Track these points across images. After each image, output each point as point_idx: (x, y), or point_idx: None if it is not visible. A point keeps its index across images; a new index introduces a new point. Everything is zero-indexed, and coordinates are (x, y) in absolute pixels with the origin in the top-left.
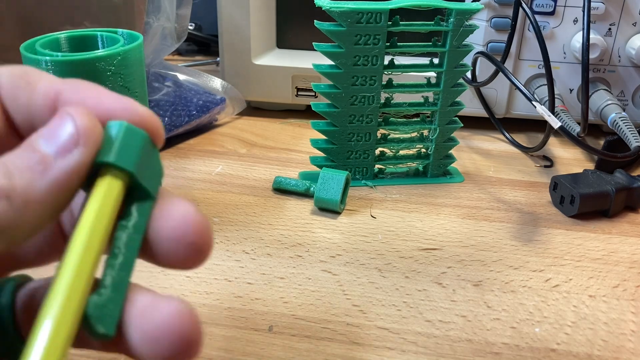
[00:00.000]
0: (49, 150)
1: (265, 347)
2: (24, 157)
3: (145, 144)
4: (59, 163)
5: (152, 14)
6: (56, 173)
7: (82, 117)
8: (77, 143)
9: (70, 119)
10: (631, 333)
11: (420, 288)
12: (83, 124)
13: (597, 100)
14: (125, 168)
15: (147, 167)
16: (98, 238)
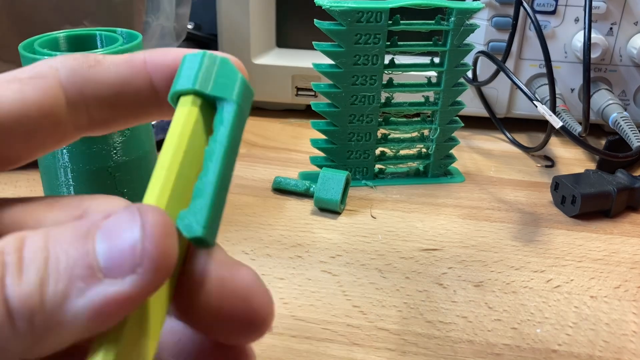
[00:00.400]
0: (102, 260)
1: (265, 349)
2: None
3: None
4: (105, 286)
5: (151, 13)
6: (96, 299)
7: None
8: (135, 268)
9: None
10: (633, 334)
11: (421, 289)
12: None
13: (598, 100)
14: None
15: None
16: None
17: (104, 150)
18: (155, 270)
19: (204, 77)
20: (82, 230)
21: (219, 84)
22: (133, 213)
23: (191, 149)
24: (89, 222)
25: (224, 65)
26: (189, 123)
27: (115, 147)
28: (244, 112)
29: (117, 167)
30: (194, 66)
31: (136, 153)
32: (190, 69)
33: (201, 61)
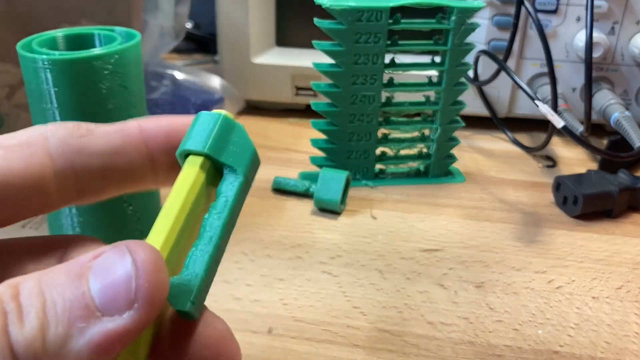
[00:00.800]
0: (98, 299)
1: (265, 350)
2: (68, 299)
3: (223, 124)
4: (104, 324)
5: (150, 12)
6: (97, 336)
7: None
8: (132, 304)
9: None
10: (635, 335)
11: (422, 289)
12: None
13: (600, 100)
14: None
15: (230, 147)
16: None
17: None
18: (150, 305)
19: (218, 141)
20: (74, 272)
21: (231, 152)
22: (122, 251)
23: (193, 214)
24: (79, 263)
25: (239, 133)
26: (195, 187)
27: None
28: (249, 184)
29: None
30: (208, 127)
31: None
32: (204, 130)
33: (217, 123)
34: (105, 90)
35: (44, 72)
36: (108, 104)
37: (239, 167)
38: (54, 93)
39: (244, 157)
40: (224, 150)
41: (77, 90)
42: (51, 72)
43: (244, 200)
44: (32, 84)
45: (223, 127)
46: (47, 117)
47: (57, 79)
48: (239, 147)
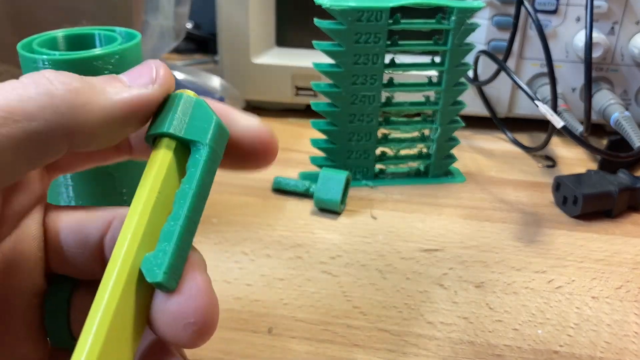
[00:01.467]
0: (127, 80)
1: (265, 350)
2: (104, 79)
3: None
4: (134, 90)
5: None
6: (128, 96)
7: (162, 67)
8: (154, 81)
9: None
10: (634, 335)
11: (422, 289)
12: (161, 72)
13: (599, 100)
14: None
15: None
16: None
17: None
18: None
19: (179, 120)
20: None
21: (193, 126)
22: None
23: (163, 193)
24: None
25: (198, 108)
26: (163, 167)
27: None
28: (217, 154)
29: (117, 167)
30: (169, 108)
31: None
32: (166, 111)
33: (177, 103)
34: None
35: None
36: None
37: (204, 139)
38: None
39: (208, 129)
40: (185, 127)
41: None
42: None
43: (214, 171)
44: None
45: (184, 106)
46: None
47: None
48: (202, 121)
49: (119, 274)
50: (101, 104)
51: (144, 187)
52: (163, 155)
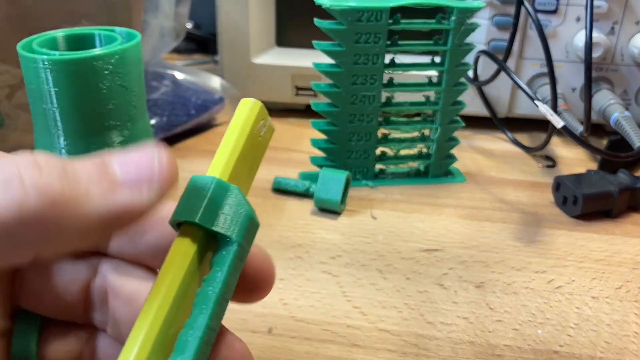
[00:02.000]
0: (119, 174)
1: (265, 350)
2: (92, 168)
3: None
4: (124, 193)
5: (150, 12)
6: (117, 203)
7: (165, 159)
8: (150, 183)
9: (150, 153)
10: (634, 335)
11: (422, 289)
12: (163, 166)
13: (599, 100)
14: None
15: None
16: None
17: (102, 151)
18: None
19: (210, 208)
20: (98, 160)
21: (225, 218)
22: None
23: (183, 289)
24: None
25: (235, 196)
26: (186, 261)
27: (114, 147)
28: (245, 251)
29: None
30: (200, 193)
31: None
32: (196, 196)
33: (209, 188)
34: (106, 91)
35: (44, 73)
36: (108, 104)
37: (233, 234)
38: (54, 93)
39: (239, 222)
40: (216, 218)
41: (77, 90)
42: (51, 73)
43: (240, 269)
44: (33, 84)
45: (216, 192)
46: (48, 118)
47: (58, 79)
48: (234, 212)
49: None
50: (81, 214)
51: (163, 281)
52: (187, 247)
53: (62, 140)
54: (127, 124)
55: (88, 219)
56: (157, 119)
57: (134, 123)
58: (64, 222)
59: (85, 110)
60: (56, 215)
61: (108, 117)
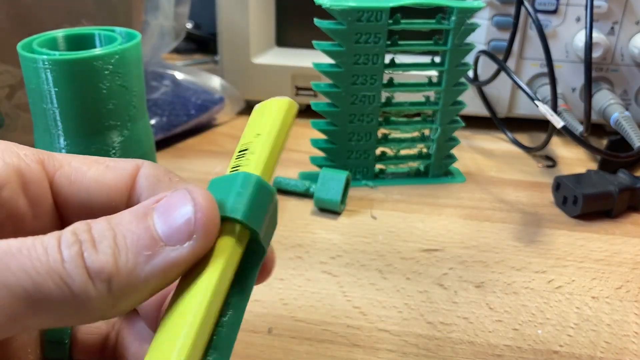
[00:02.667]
0: (162, 232)
1: (265, 350)
2: (135, 233)
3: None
4: (167, 252)
5: (150, 12)
6: (162, 263)
7: (203, 203)
8: (192, 235)
9: (190, 203)
10: (634, 335)
11: (422, 289)
12: (202, 213)
13: (599, 100)
14: (254, 229)
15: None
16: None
17: (102, 150)
18: (207, 236)
19: (256, 212)
20: (140, 212)
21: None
22: (183, 193)
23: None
24: (143, 206)
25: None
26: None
27: (114, 147)
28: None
29: None
30: (246, 192)
31: (135, 153)
32: (242, 195)
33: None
34: (106, 90)
35: (44, 72)
36: (108, 104)
37: (267, 245)
38: (54, 93)
39: (272, 232)
40: (262, 225)
41: (77, 90)
42: (51, 72)
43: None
44: (33, 84)
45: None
46: (48, 117)
47: (58, 79)
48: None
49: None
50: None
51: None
52: (233, 247)
53: (62, 140)
54: (127, 123)
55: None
56: (157, 119)
57: (134, 123)
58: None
59: (85, 110)
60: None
61: (108, 117)
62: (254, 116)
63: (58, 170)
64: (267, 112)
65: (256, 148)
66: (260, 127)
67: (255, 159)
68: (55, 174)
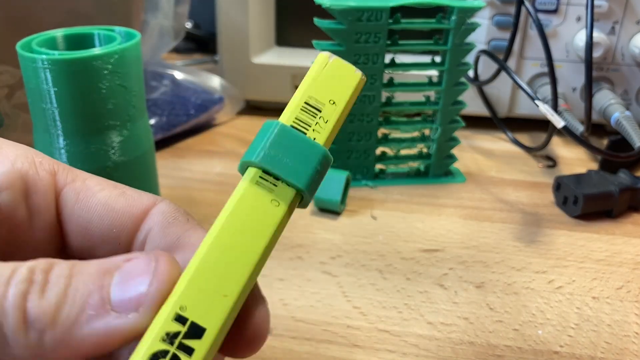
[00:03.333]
0: (114, 296)
1: (265, 350)
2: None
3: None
4: (111, 318)
5: (149, 11)
6: (103, 327)
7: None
8: (139, 307)
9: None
10: (635, 335)
11: (422, 290)
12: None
13: (600, 100)
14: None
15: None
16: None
17: (102, 150)
18: (152, 312)
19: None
20: (104, 267)
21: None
22: (150, 259)
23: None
24: (112, 261)
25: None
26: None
27: (114, 147)
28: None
29: (116, 168)
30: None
31: (135, 153)
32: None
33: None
34: (105, 90)
35: (43, 72)
36: (108, 104)
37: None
38: (53, 93)
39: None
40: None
41: (76, 90)
42: (51, 72)
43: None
44: (32, 84)
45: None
46: (47, 117)
47: (57, 79)
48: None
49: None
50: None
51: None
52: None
53: (62, 140)
54: (127, 123)
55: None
56: (156, 118)
57: (133, 123)
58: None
59: (84, 110)
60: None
61: (107, 117)
62: (326, 72)
63: (69, 185)
64: (342, 79)
65: (331, 117)
66: (335, 94)
67: (327, 129)
68: (65, 187)
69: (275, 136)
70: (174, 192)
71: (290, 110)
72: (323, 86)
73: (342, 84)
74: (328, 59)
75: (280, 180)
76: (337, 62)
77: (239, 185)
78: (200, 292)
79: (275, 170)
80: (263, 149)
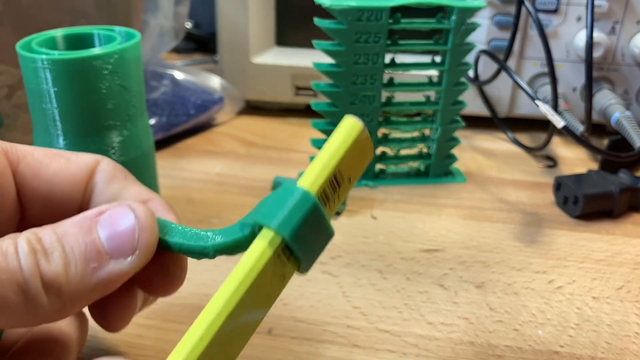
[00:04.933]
0: (107, 246)
1: (265, 350)
2: (82, 245)
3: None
4: (112, 265)
5: (149, 11)
6: (107, 274)
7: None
8: (135, 250)
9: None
10: (635, 335)
11: (422, 290)
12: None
13: (600, 100)
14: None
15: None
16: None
17: (102, 150)
18: (147, 252)
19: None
20: (84, 224)
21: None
22: (126, 208)
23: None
24: (87, 217)
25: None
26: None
27: (114, 146)
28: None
29: None
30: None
31: (134, 153)
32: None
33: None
34: (105, 90)
35: (43, 72)
36: (108, 104)
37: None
38: (53, 93)
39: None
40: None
41: (76, 90)
42: (51, 72)
43: None
44: (32, 84)
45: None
46: (47, 117)
47: (57, 79)
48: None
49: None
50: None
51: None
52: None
53: (62, 140)
54: (127, 123)
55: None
56: (156, 118)
57: (133, 123)
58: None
59: (84, 110)
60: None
61: (107, 116)
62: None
63: (22, 162)
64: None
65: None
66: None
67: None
68: (19, 165)
69: (308, 214)
70: (174, 192)
71: (321, 182)
72: (350, 161)
73: (361, 161)
74: (362, 132)
75: (293, 256)
76: (366, 136)
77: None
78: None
79: (298, 252)
80: (291, 224)
